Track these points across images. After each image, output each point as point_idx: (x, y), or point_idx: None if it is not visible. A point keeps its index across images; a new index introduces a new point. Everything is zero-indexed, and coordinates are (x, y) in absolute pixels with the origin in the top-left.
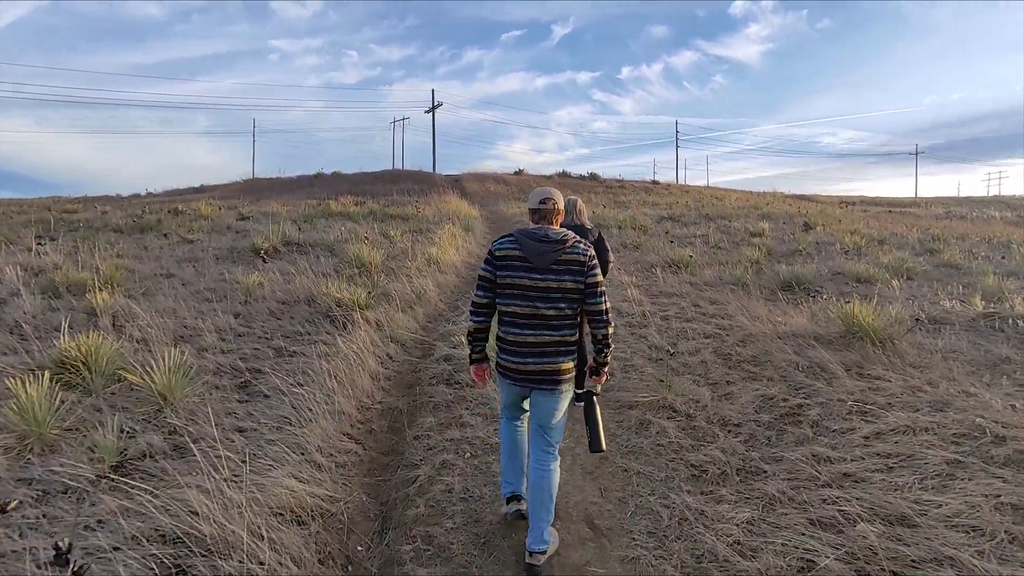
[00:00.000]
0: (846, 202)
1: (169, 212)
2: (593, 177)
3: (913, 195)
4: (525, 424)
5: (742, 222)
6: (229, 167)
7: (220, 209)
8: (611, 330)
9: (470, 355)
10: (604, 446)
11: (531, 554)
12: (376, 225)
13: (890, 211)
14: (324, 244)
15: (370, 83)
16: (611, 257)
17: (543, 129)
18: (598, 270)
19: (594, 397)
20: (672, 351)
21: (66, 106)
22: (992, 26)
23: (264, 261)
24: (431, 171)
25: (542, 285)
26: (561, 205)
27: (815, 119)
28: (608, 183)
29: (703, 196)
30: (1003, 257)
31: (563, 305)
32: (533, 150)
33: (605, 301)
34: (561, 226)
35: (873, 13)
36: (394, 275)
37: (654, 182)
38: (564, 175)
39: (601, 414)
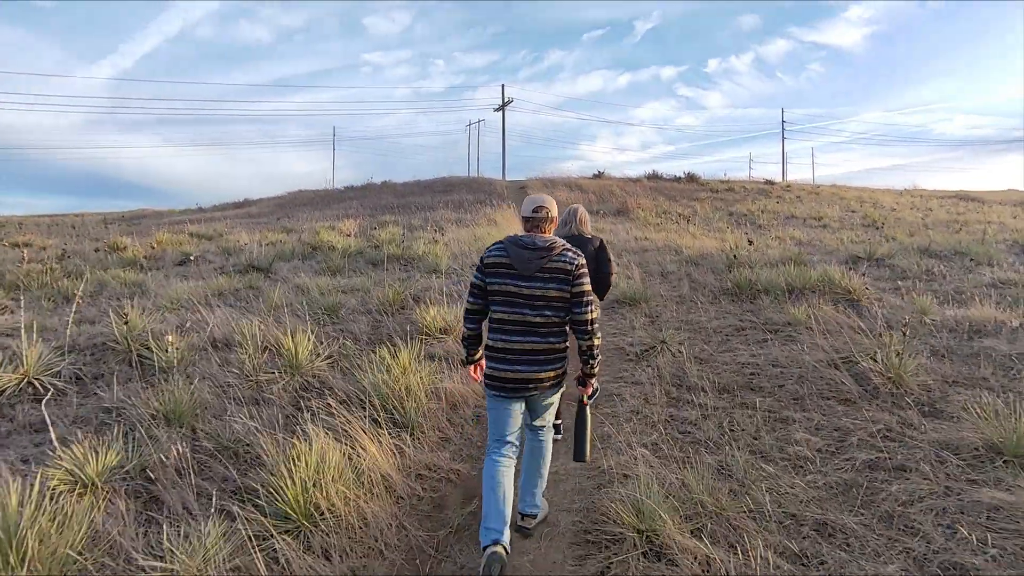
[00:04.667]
0: None
1: (108, 248)
2: (691, 178)
3: None
4: (512, 460)
5: (992, 271)
6: (320, 175)
7: (170, 245)
8: (597, 341)
9: (466, 357)
10: (588, 457)
11: (523, 517)
12: (364, 276)
13: None
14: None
15: (456, 90)
16: (614, 268)
17: (625, 126)
18: (586, 280)
19: (586, 407)
20: None
21: (186, 123)
22: None
23: None
24: (494, 177)
25: (527, 292)
26: (555, 213)
27: (925, 105)
28: (711, 186)
29: (849, 200)
30: None
31: (549, 312)
32: (615, 148)
33: (590, 311)
34: (562, 237)
35: None
36: None
37: (768, 182)
38: (654, 176)
39: (591, 424)
